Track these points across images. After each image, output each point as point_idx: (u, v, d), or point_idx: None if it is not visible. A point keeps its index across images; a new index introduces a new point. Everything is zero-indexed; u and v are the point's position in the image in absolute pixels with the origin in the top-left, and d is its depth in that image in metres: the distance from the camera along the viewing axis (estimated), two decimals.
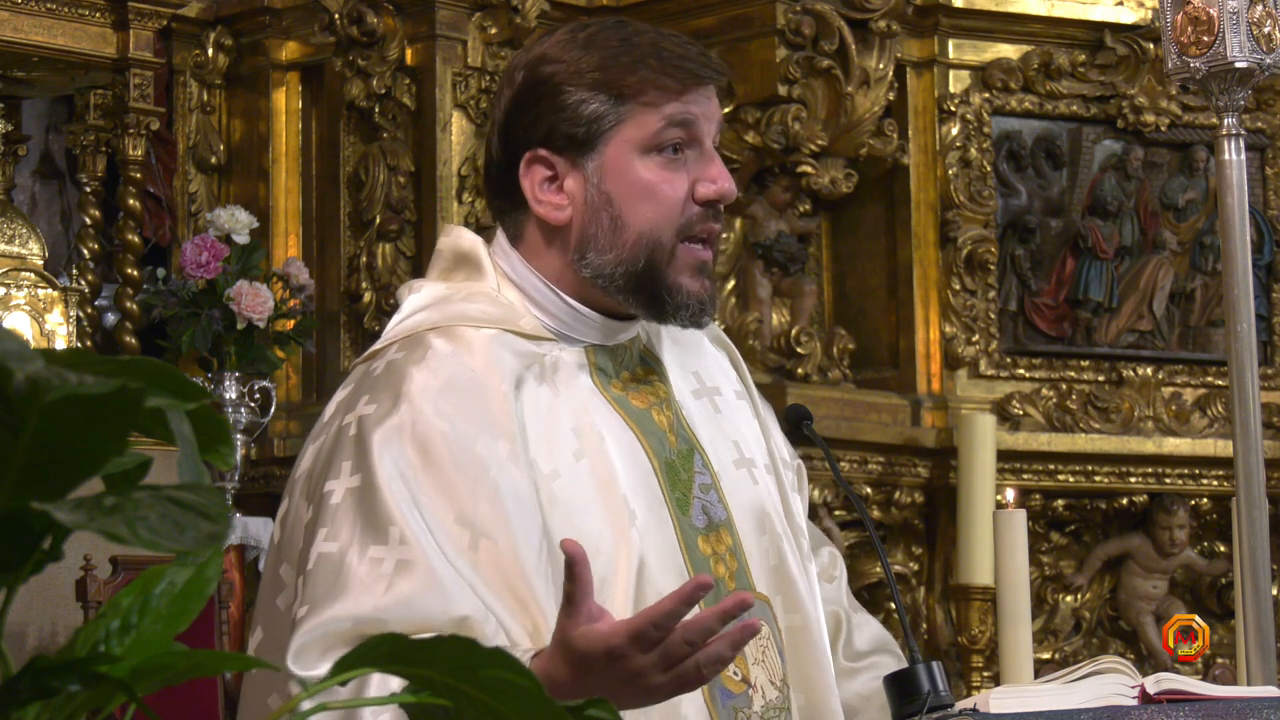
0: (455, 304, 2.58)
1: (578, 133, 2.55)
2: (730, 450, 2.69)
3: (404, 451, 2.44)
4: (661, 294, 2.56)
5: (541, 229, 2.59)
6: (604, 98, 2.54)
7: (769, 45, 7.34)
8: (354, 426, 2.49)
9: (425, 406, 2.46)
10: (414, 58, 7.37)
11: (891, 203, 7.74)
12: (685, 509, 2.59)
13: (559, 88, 2.56)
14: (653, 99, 2.54)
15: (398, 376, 2.51)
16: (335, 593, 2.38)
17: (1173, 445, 7.87)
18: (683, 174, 2.56)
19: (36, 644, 6.46)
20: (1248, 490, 3.28)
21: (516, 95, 2.59)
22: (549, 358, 2.57)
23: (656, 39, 2.60)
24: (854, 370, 7.59)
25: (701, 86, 2.57)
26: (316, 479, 2.51)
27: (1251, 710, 2.58)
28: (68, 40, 7.28)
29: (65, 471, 1.11)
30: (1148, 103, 7.95)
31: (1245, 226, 3.33)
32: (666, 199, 2.55)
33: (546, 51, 2.60)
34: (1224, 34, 3.29)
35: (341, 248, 7.46)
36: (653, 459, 2.58)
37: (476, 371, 2.50)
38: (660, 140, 2.55)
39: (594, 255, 2.56)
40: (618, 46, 2.57)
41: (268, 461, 7.41)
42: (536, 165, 2.57)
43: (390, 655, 1.19)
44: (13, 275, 7.19)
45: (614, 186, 2.55)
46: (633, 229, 2.55)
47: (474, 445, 2.45)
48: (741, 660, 2.56)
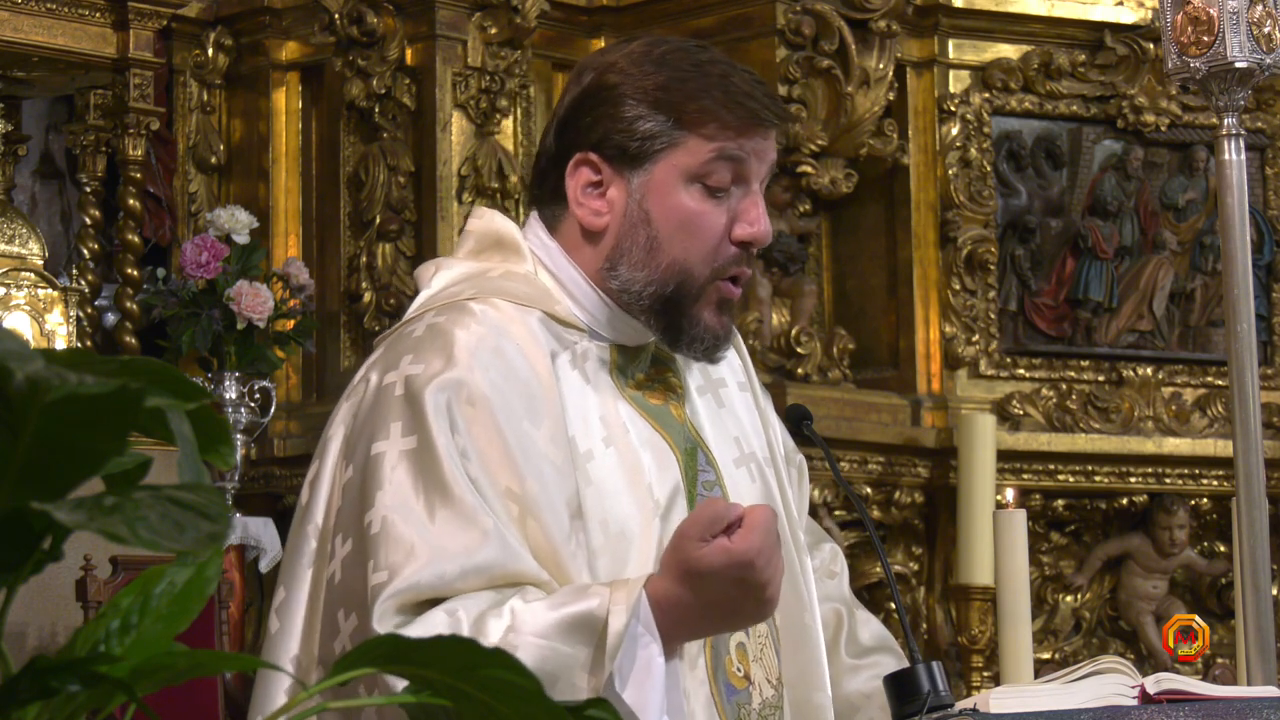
0: (493, 280, 2.60)
1: (630, 146, 2.57)
2: (732, 448, 2.71)
3: (458, 414, 2.45)
4: (682, 323, 2.58)
5: (578, 229, 2.61)
6: (662, 118, 2.56)
7: (769, 45, 7.34)
8: (400, 386, 2.48)
9: (475, 369, 2.47)
10: (414, 58, 7.37)
11: (891, 203, 7.74)
12: (690, 503, 2.60)
13: (621, 98, 2.58)
14: (710, 131, 2.56)
15: (444, 338, 2.51)
16: (413, 556, 2.38)
17: (1173, 445, 7.86)
18: (723, 209, 2.57)
19: (36, 644, 6.46)
20: (1248, 490, 3.28)
21: (580, 95, 2.61)
22: (580, 346, 2.59)
23: (728, 71, 2.60)
24: (854, 370, 7.58)
25: (760, 128, 2.58)
26: (358, 440, 2.49)
27: (1251, 710, 2.58)
28: (68, 40, 7.28)
29: (65, 471, 1.11)
30: (1148, 103, 7.95)
31: (1245, 226, 3.33)
32: (704, 232, 2.56)
33: (618, 60, 2.61)
34: (1224, 34, 3.29)
35: (341, 248, 7.46)
36: (675, 450, 2.61)
37: (519, 343, 2.52)
38: (708, 172, 2.56)
39: (625, 269, 2.58)
40: (688, 71, 2.58)
41: (268, 461, 7.41)
42: (584, 167, 2.59)
43: (390, 655, 1.19)
44: (13, 275, 7.19)
45: (655, 207, 2.57)
46: (667, 254, 2.57)
47: (521, 420, 2.47)
48: (744, 656, 2.59)
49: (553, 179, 2.62)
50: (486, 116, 7.33)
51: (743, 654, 2.58)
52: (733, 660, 2.57)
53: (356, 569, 2.42)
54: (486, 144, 7.33)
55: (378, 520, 2.41)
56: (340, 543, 2.45)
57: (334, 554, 2.46)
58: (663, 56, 2.60)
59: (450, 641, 1.17)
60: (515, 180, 7.33)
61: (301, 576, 2.51)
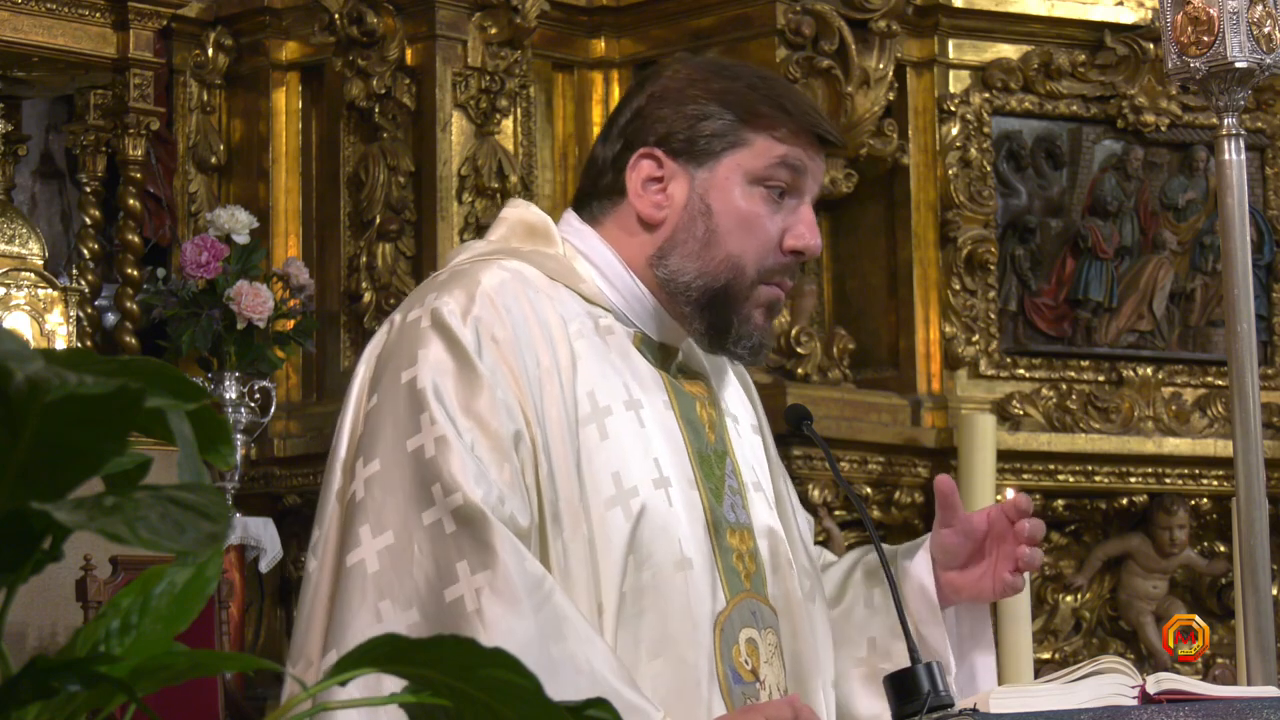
0: (521, 254, 2.65)
1: (696, 141, 2.63)
2: (749, 472, 2.76)
3: (485, 345, 2.50)
4: (731, 318, 2.63)
5: (632, 219, 2.66)
6: (731, 117, 2.63)
7: (769, 45, 7.34)
8: (427, 318, 2.53)
9: (498, 307, 2.53)
10: (414, 58, 7.37)
11: (891, 203, 7.74)
12: (719, 500, 2.65)
13: (690, 97, 2.65)
14: (779, 135, 2.63)
15: (469, 277, 2.57)
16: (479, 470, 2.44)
17: (1173, 445, 7.86)
18: (779, 217, 2.64)
19: (36, 644, 6.46)
20: (1248, 490, 3.28)
21: (646, 99, 2.68)
22: (603, 321, 2.63)
23: (790, 89, 2.74)
24: (854, 370, 7.58)
25: (820, 145, 2.67)
26: (383, 372, 2.53)
27: (1251, 710, 2.58)
28: (68, 40, 7.28)
29: (65, 471, 1.11)
30: (1148, 103, 7.95)
31: (1245, 226, 3.33)
32: (761, 233, 2.63)
33: (682, 69, 2.70)
34: (1224, 34, 3.29)
35: (341, 248, 7.46)
36: (687, 444, 2.64)
37: (539, 297, 2.58)
38: (770, 176, 2.63)
39: (676, 260, 2.64)
40: (758, 81, 2.68)
41: (268, 461, 7.41)
42: (646, 161, 2.65)
43: (390, 655, 1.19)
44: (13, 275, 7.19)
45: (716, 202, 2.63)
46: (723, 249, 2.62)
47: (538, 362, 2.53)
48: (754, 652, 2.62)
49: (610, 175, 2.67)
50: (486, 116, 7.33)
51: (753, 649, 2.61)
52: (740, 650, 2.60)
53: (395, 493, 2.45)
54: (486, 144, 7.33)
55: (430, 444, 2.44)
56: (363, 465, 2.48)
57: (355, 474, 2.49)
58: (728, 68, 2.72)
59: (450, 641, 1.17)
60: (515, 180, 7.33)
61: (330, 510, 2.55)
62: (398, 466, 2.46)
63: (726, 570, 2.61)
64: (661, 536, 2.55)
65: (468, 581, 2.39)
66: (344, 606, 2.44)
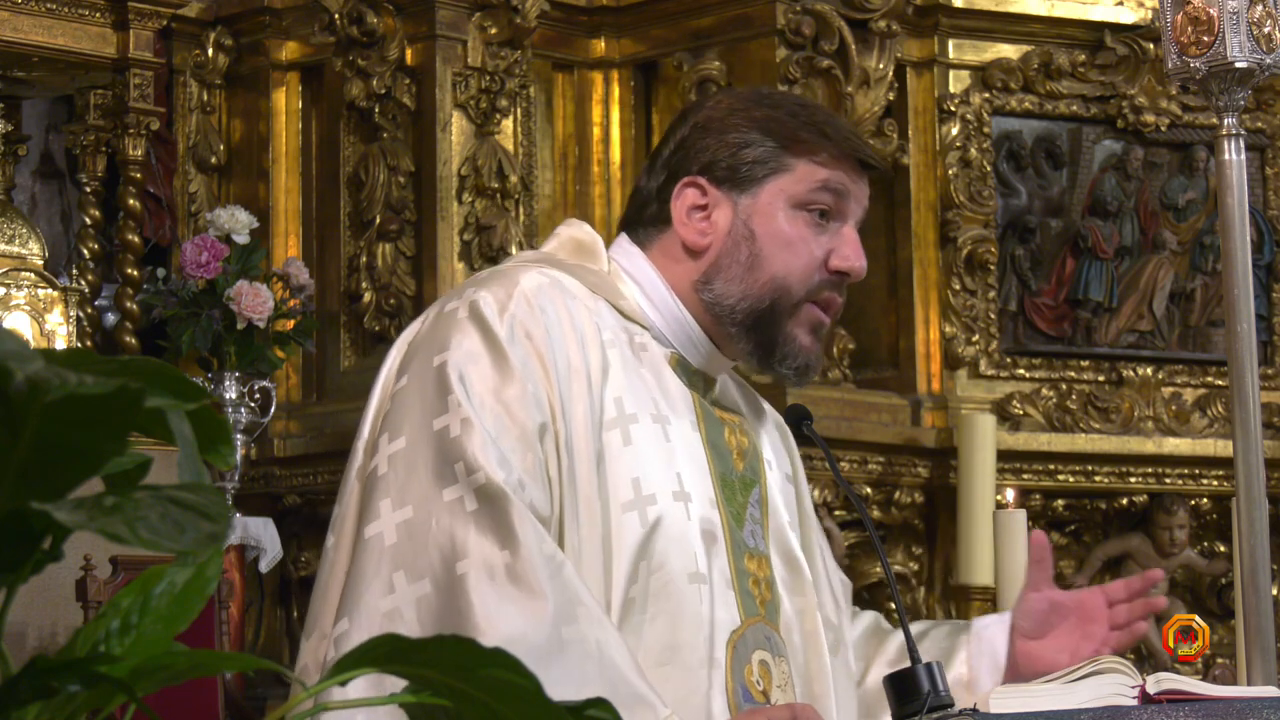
0: (565, 266, 2.69)
1: (739, 169, 2.68)
2: (777, 510, 2.78)
3: (519, 340, 2.53)
4: (777, 338, 2.67)
5: (677, 245, 2.70)
6: (772, 144, 2.67)
7: (769, 45, 7.34)
8: (464, 309, 2.57)
9: (534, 306, 2.56)
10: (414, 58, 7.37)
11: (891, 203, 7.73)
12: (740, 524, 2.68)
13: (732, 126, 2.69)
14: (821, 160, 2.67)
15: (508, 276, 2.61)
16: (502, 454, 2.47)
17: (1173, 445, 7.86)
18: (823, 239, 2.68)
19: (36, 644, 6.46)
20: (1248, 490, 3.27)
21: (690, 130, 2.72)
22: (638, 338, 2.67)
23: (831, 116, 2.78)
24: (854, 370, 7.58)
25: (862, 170, 2.71)
26: (414, 356, 2.57)
27: (1251, 710, 2.58)
28: (68, 40, 7.28)
29: (65, 471, 1.11)
30: (1148, 103, 7.95)
31: (1245, 226, 3.33)
32: (805, 256, 2.67)
33: (724, 99, 2.75)
34: (1224, 34, 3.29)
35: (341, 248, 7.46)
36: (710, 466, 2.67)
37: (575, 303, 2.61)
38: (813, 200, 2.67)
39: (721, 284, 2.68)
40: (797, 109, 2.72)
41: (268, 461, 7.41)
42: (690, 190, 2.69)
43: (390, 655, 1.19)
44: (13, 275, 7.19)
45: (760, 227, 2.67)
46: (767, 271, 2.66)
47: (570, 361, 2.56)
48: (766, 674, 2.63)
49: (654, 205, 2.72)
50: (486, 116, 7.33)
51: (765, 671, 2.63)
52: (753, 670, 2.62)
53: (417, 469, 2.47)
54: (486, 144, 7.33)
55: (456, 424, 2.47)
56: (387, 441, 2.51)
57: (378, 449, 2.52)
58: (769, 96, 2.76)
59: (450, 641, 1.17)
60: (515, 180, 7.33)
61: (351, 487, 2.57)
62: (423, 444, 2.48)
63: (743, 592, 2.63)
64: (676, 547, 2.57)
65: (483, 558, 2.40)
66: (358, 577, 2.45)
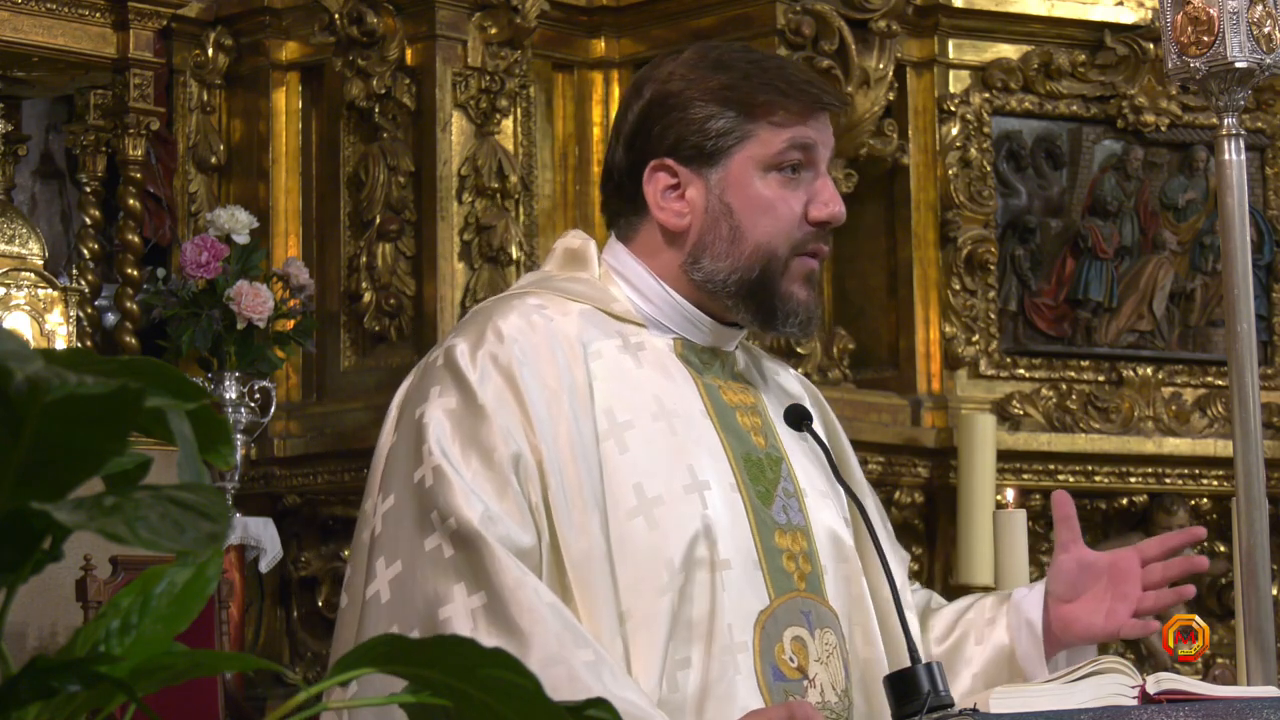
0: (554, 280, 2.73)
1: (705, 145, 2.68)
2: (819, 479, 2.81)
3: (489, 377, 2.57)
4: (774, 301, 2.70)
5: (658, 232, 2.72)
6: (732, 114, 2.68)
7: (769, 45, 7.33)
8: (441, 357, 2.62)
9: (506, 336, 2.61)
10: (414, 58, 7.37)
11: (891, 203, 7.74)
12: (768, 502, 2.70)
13: (690, 101, 2.69)
14: (780, 120, 2.68)
15: (484, 315, 2.66)
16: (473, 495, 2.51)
17: (1173, 445, 7.86)
18: (799, 193, 2.70)
19: (36, 644, 6.46)
20: (1248, 490, 3.27)
21: (646, 107, 2.72)
22: (634, 338, 2.70)
23: (783, 64, 2.78)
24: (854, 370, 7.58)
25: (823, 113, 2.72)
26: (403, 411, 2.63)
27: (1251, 710, 2.58)
28: (68, 40, 7.28)
29: (65, 471, 1.11)
30: (1148, 103, 7.95)
31: (1245, 226, 3.33)
32: (784, 216, 2.69)
33: (675, 69, 2.73)
34: (1224, 34, 3.29)
35: (341, 248, 7.46)
36: (727, 449, 2.69)
37: (555, 324, 2.65)
38: (782, 160, 2.68)
39: (708, 261, 2.69)
40: (748, 68, 2.71)
41: (268, 461, 7.41)
42: (660, 173, 2.70)
43: (390, 655, 1.19)
44: (13, 275, 7.19)
45: (735, 199, 2.69)
46: (750, 240, 2.68)
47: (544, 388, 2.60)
48: (800, 650, 2.65)
49: (628, 190, 2.73)
50: (486, 116, 7.33)
51: (799, 647, 2.64)
52: (784, 648, 2.63)
53: (404, 523, 2.52)
54: (486, 144, 7.33)
55: (429, 474, 2.52)
56: (381, 500, 2.57)
57: (375, 511, 2.58)
58: (719, 59, 2.73)
59: (450, 641, 1.17)
60: (515, 180, 7.33)
61: (359, 549, 2.62)
62: (407, 498, 2.55)
63: (773, 570, 2.65)
64: (690, 541, 2.59)
65: (464, 603, 2.46)
66: (362, 639, 2.48)
